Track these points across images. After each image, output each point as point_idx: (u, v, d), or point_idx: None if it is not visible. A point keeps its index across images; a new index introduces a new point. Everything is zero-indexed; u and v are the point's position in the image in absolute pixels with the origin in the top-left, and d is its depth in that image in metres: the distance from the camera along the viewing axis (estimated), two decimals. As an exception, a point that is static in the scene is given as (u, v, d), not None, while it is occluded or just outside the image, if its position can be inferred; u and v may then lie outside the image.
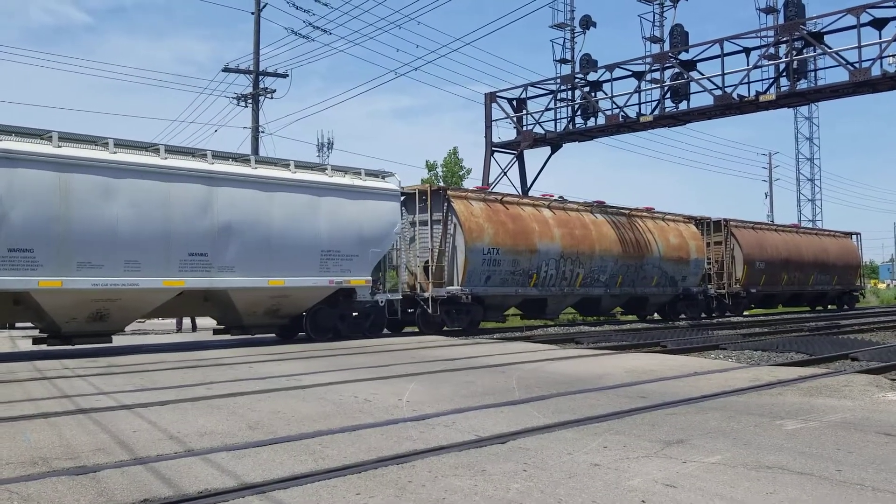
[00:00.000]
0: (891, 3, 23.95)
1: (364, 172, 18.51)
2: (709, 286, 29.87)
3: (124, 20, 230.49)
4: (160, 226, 14.72)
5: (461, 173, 47.54)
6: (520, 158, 33.02)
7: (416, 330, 20.68)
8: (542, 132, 31.83)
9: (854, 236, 41.91)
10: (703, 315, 29.77)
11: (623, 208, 27.04)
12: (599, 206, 26.08)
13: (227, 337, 17.56)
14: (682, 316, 28.54)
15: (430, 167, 48.27)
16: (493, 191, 22.50)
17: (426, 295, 20.03)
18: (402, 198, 20.19)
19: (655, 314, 28.83)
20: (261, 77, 31.69)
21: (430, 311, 19.81)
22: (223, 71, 31.73)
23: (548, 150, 33.06)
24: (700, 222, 30.41)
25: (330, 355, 13.82)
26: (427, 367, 11.44)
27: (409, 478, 4.98)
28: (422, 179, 44.29)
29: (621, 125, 29.86)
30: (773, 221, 44.62)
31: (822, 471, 5.13)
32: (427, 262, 20.51)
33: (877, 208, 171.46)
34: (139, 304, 14.94)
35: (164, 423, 6.91)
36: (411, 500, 4.50)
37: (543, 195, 25.51)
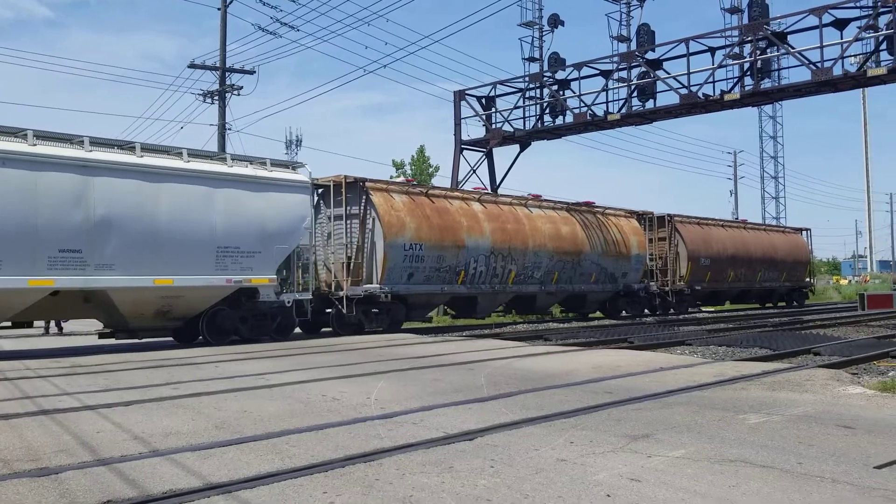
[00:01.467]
0: (851, 4, 24.42)
1: (270, 162, 17.26)
2: (652, 283, 29.04)
3: (87, 15, 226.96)
4: (25, 219, 13.29)
5: (429, 171, 47.49)
6: (489, 156, 33.10)
7: (331, 330, 19.49)
8: (511, 130, 31.96)
9: (804, 232, 41.51)
10: (649, 312, 29.06)
11: (560, 202, 26.18)
12: (535, 200, 25.21)
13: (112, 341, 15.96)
14: (623, 313, 27.78)
15: (398, 165, 48.15)
16: (419, 183, 21.23)
17: (341, 294, 18.82)
18: (320, 191, 19.59)
19: (598, 312, 28.08)
20: (228, 73, 31.42)
21: (344, 311, 18.62)
22: (189, 67, 31.44)
23: (517, 148, 33.21)
24: (642, 217, 29.62)
25: (298, 354, 13.75)
26: (396, 365, 11.43)
27: (376, 476, 4.98)
28: (390, 176, 44.15)
29: (589, 123, 30.08)
30: (737, 219, 44.73)
31: (784, 463, 5.22)
32: (346, 259, 19.45)
33: (839, 206, 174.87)
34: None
35: (128, 424, 6.82)
36: (378, 499, 4.50)
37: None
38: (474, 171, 32.68)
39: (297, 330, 18.93)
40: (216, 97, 31.51)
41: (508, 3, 38.97)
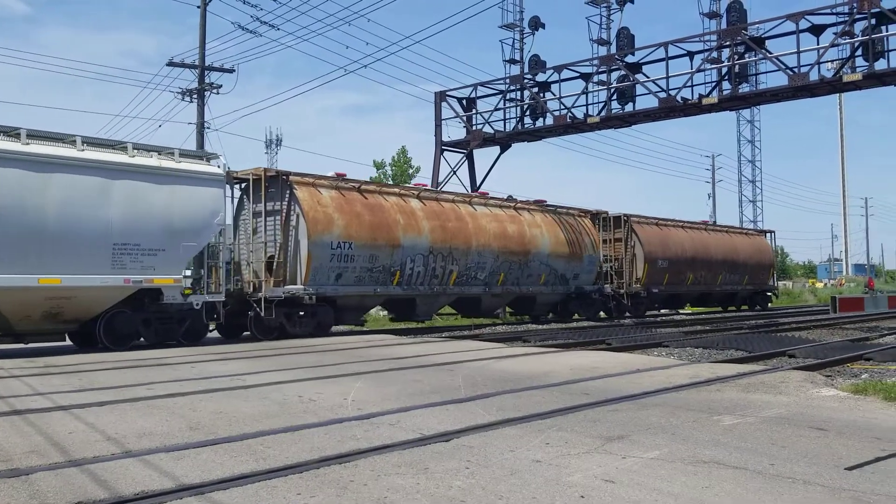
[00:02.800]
0: (828, 11, 24.73)
1: (179, 153, 15.89)
2: (606, 285, 27.78)
3: (66, 11, 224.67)
4: None
5: (410, 171, 47.49)
6: (469, 158, 33.16)
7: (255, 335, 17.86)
8: (492, 132, 32.04)
9: (768, 235, 40.68)
10: (605, 315, 28.02)
11: (508, 200, 25.10)
12: (480, 198, 24.15)
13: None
14: (576, 317, 26.64)
15: (379, 166, 48.14)
16: (352, 178, 20.23)
17: (259, 295, 17.34)
18: (244, 185, 18.51)
19: (550, 315, 26.73)
20: (207, 72, 31.20)
21: (262, 313, 17.13)
22: (168, 65, 31.17)
23: (497, 149, 33.28)
24: (597, 217, 28.55)
25: (276, 354, 13.68)
26: (374, 366, 11.41)
27: (351, 477, 4.97)
28: (370, 177, 44.09)
29: (569, 126, 30.23)
30: (715, 223, 44.75)
31: (756, 465, 5.27)
32: (271, 257, 18.15)
33: (816, 209, 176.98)
34: None
35: (101, 425, 6.75)
36: (353, 500, 4.48)
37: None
38: (455, 173, 32.77)
39: (216, 334, 17.88)
40: (195, 95, 31.28)
41: (489, 4, 39.13)
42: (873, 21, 23.74)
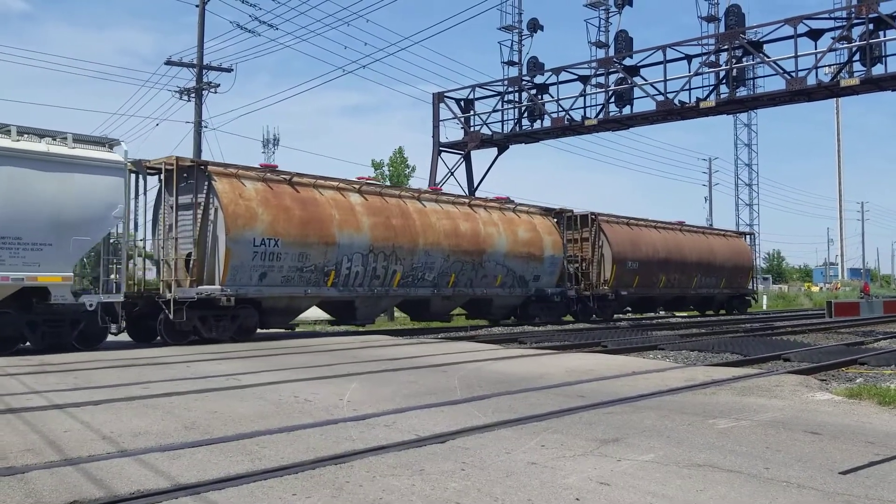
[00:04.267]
0: (826, 15, 24.80)
1: (73, 138, 14.45)
2: (572, 287, 26.44)
3: (64, 9, 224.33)
4: None
5: (407, 172, 47.51)
6: (467, 159, 33.17)
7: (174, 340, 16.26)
8: (489, 133, 32.06)
9: (747, 237, 39.66)
10: (572, 319, 26.95)
11: (461, 196, 23.56)
12: (431, 193, 22.73)
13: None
14: (537, 319, 25.08)
15: (377, 166, 48.02)
16: (283, 170, 18.78)
17: (168, 296, 15.79)
18: (162, 176, 16.90)
19: (512, 318, 25.43)
20: (205, 71, 31.16)
21: (171, 316, 15.58)
22: (166, 64, 31.09)
23: (495, 151, 33.31)
24: (561, 215, 26.87)
25: (271, 355, 13.68)
26: (369, 367, 11.41)
27: (346, 478, 4.97)
28: (368, 177, 44.06)
29: (567, 128, 30.25)
30: (711, 225, 44.56)
31: (751, 469, 5.28)
32: (189, 255, 16.74)
33: (812, 213, 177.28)
34: None
35: (96, 423, 6.75)
36: (348, 500, 4.49)
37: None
38: (452, 174, 32.75)
39: (126, 337, 16.39)
40: (193, 94, 31.25)
41: (488, 6, 39.04)
42: (871, 26, 23.80)
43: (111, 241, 15.11)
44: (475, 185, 33.13)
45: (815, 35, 24.97)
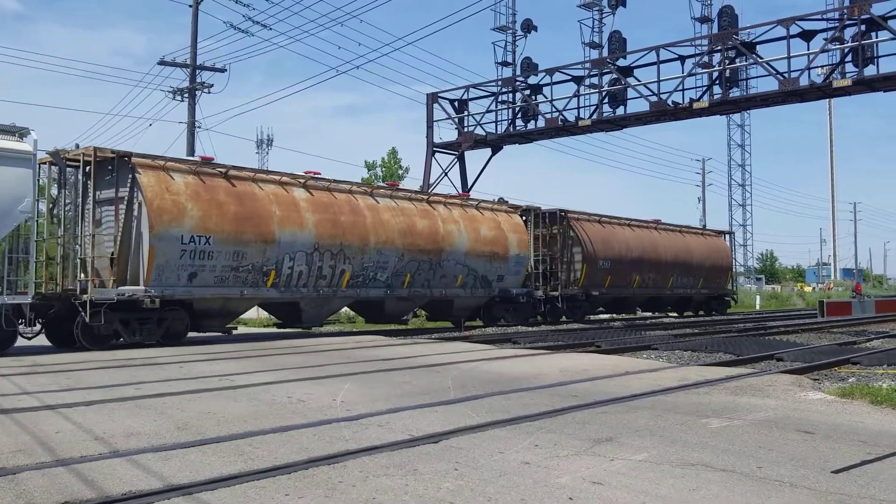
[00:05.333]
0: (818, 17, 24.85)
1: None
2: (539, 287, 25.51)
3: (57, 8, 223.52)
4: None
5: (400, 173, 47.56)
6: (461, 159, 33.16)
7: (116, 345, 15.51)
8: (483, 133, 32.04)
9: (726, 236, 38.91)
10: (541, 319, 26.22)
11: (419, 192, 22.62)
12: (385, 189, 21.84)
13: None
14: (502, 322, 24.02)
15: (370, 166, 48.20)
16: (219, 163, 17.54)
17: (85, 298, 14.59)
18: (86, 168, 15.65)
19: (478, 319, 24.32)
20: (198, 71, 31.12)
21: (87, 319, 14.47)
22: (159, 64, 31.06)
23: (489, 151, 33.33)
24: (529, 212, 26.05)
25: (265, 355, 13.65)
26: (363, 367, 11.40)
27: (339, 478, 4.96)
28: (362, 178, 44.10)
29: (560, 128, 30.25)
30: (705, 227, 44.43)
31: (744, 468, 5.29)
32: (111, 254, 15.62)
33: (805, 214, 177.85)
34: None
35: (88, 424, 6.73)
36: (341, 501, 4.48)
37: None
38: (446, 174, 32.73)
39: (45, 342, 15.61)
40: (186, 95, 31.19)
41: (482, 7, 39.19)
42: (863, 27, 23.87)
43: (19, 237, 14.08)
44: (469, 186, 33.13)
45: (807, 36, 25.02)
